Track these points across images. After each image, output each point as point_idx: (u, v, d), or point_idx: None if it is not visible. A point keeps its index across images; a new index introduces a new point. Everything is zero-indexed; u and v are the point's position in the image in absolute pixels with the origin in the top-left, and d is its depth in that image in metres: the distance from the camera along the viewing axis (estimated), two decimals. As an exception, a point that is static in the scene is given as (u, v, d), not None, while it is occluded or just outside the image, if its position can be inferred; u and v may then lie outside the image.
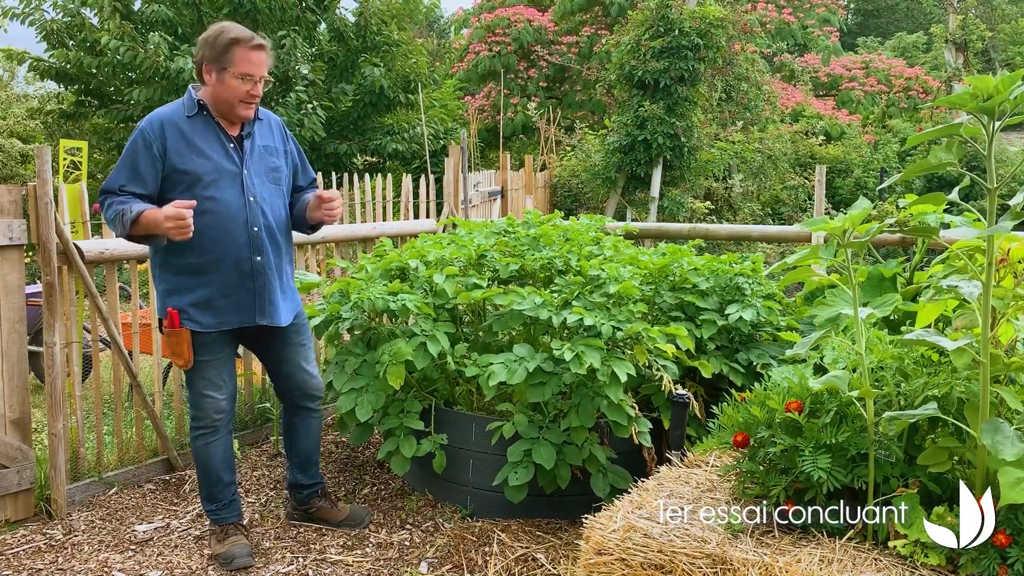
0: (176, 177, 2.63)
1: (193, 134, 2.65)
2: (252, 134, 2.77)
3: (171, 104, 2.73)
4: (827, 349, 2.18)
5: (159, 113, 2.67)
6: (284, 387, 3.00)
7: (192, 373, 2.76)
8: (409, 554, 2.90)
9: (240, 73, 2.62)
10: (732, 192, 9.69)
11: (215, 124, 2.70)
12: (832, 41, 15.36)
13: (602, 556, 1.95)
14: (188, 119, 2.66)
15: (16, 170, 10.70)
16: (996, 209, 1.76)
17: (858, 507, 1.95)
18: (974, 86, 1.64)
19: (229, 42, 2.61)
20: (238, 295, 2.71)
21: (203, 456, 2.82)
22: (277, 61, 8.97)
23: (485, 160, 12.10)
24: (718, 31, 8.54)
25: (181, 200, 2.53)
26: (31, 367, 4.05)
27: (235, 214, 2.67)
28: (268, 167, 2.79)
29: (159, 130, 2.61)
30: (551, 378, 2.88)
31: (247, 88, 2.64)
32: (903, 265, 3.44)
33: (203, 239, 2.62)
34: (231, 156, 2.70)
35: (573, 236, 3.74)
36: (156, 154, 2.60)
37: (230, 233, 2.66)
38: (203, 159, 2.65)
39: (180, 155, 2.62)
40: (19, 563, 2.79)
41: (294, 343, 2.93)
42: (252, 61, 2.64)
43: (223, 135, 2.71)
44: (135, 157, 2.60)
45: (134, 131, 2.65)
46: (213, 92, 2.67)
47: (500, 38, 12.98)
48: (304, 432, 3.04)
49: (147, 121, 2.64)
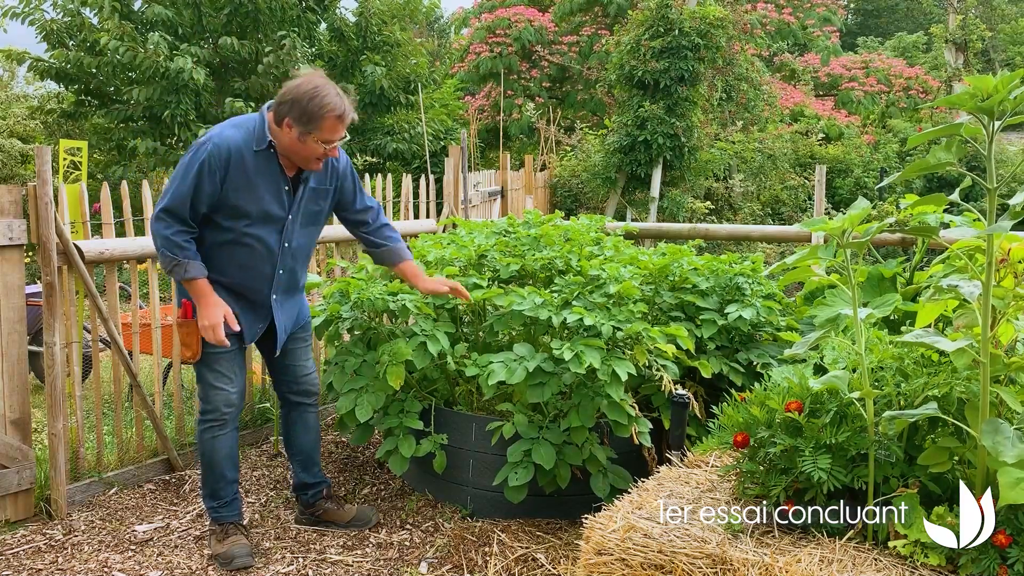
0: (225, 207, 2.64)
1: (256, 172, 2.64)
2: (308, 178, 2.77)
3: (240, 128, 2.64)
4: (827, 349, 2.18)
5: (227, 139, 2.59)
6: (282, 380, 3.02)
7: (203, 365, 2.78)
8: (409, 554, 2.90)
9: (324, 140, 2.62)
10: (732, 192, 9.68)
11: (278, 165, 2.69)
12: (832, 42, 15.36)
13: (602, 556, 1.95)
14: (255, 153, 2.64)
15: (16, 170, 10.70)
16: (996, 209, 1.76)
17: (858, 507, 1.95)
18: (974, 86, 1.64)
19: (324, 113, 2.57)
20: (251, 316, 2.81)
21: (209, 450, 2.82)
22: (277, 61, 8.97)
23: (485, 160, 12.10)
24: (718, 31, 8.54)
25: (231, 319, 2.65)
26: (31, 367, 4.05)
27: (268, 256, 2.73)
28: (312, 211, 2.83)
29: (225, 160, 2.58)
30: (551, 378, 2.88)
31: (326, 150, 2.65)
32: (903, 265, 3.44)
33: (231, 266, 2.70)
34: (282, 201, 2.72)
35: (574, 236, 3.74)
36: (217, 183, 2.59)
37: (257, 269, 2.74)
38: (256, 199, 2.66)
39: (236, 191, 2.62)
40: (19, 563, 2.79)
41: (296, 338, 2.98)
42: (338, 130, 2.64)
43: (282, 178, 2.70)
44: (200, 180, 2.57)
45: (199, 149, 2.58)
46: (289, 144, 2.63)
47: (501, 38, 12.97)
48: (302, 428, 3.06)
49: (215, 146, 2.57)
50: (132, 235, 3.57)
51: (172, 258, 2.58)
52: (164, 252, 2.59)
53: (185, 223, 2.59)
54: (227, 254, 2.68)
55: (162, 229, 2.58)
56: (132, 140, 9.06)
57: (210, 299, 2.64)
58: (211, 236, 2.67)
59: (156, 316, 3.66)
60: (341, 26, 9.75)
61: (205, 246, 2.68)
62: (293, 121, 2.59)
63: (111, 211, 3.44)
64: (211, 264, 2.68)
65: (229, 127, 2.65)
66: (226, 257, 2.69)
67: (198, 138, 2.66)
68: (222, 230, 2.66)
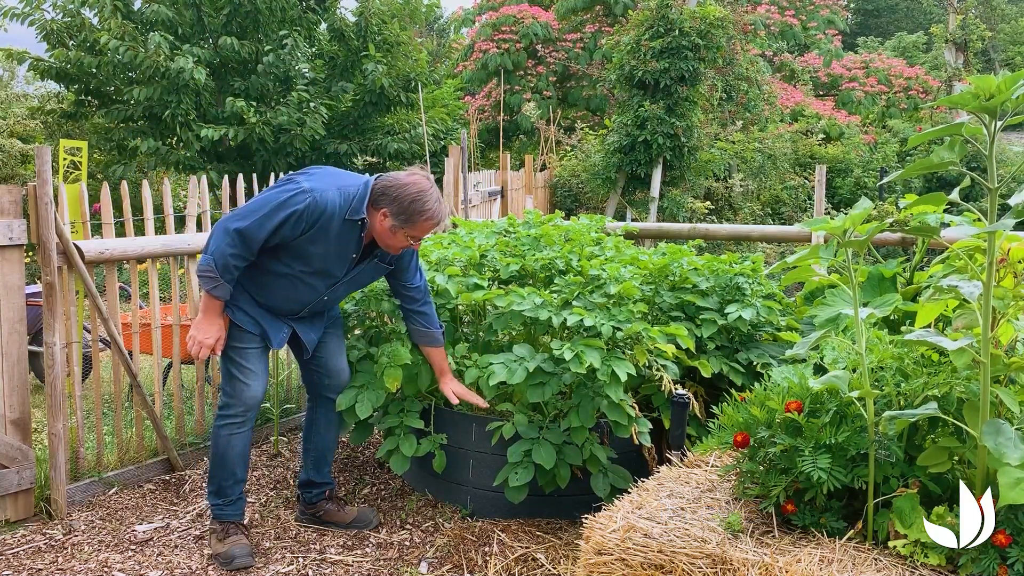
0: (293, 249, 2.68)
1: (337, 236, 2.68)
2: (377, 254, 2.84)
3: (342, 194, 2.65)
4: (827, 349, 2.18)
5: (327, 201, 2.61)
6: (315, 374, 3.05)
7: (228, 361, 2.82)
8: (409, 554, 2.90)
9: (414, 236, 2.72)
10: (732, 192, 9.68)
11: (359, 239, 2.74)
12: (835, 44, 15.36)
13: (602, 556, 1.95)
14: (344, 220, 2.67)
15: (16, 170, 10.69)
16: (997, 209, 1.76)
17: (858, 507, 1.95)
18: (977, 85, 1.64)
19: (423, 219, 2.67)
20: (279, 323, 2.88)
21: (223, 446, 2.83)
22: (278, 61, 8.97)
23: (485, 160, 12.10)
24: (718, 31, 8.53)
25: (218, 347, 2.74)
26: (31, 367, 4.05)
27: (310, 296, 2.82)
28: (368, 276, 2.93)
29: (316, 218, 2.61)
30: (551, 378, 2.88)
31: (411, 244, 2.76)
32: (903, 265, 3.43)
33: (276, 293, 2.80)
34: (347, 265, 2.79)
35: (574, 236, 3.74)
36: (298, 232, 2.63)
37: (293, 303, 2.84)
38: (324, 256, 2.71)
39: (312, 242, 2.67)
40: (19, 563, 2.79)
41: (330, 332, 3.02)
42: (428, 231, 2.74)
43: (355, 246, 2.76)
44: (284, 223, 2.59)
45: (297, 195, 2.58)
46: (379, 228, 2.70)
47: (508, 35, 12.98)
48: (325, 425, 3.09)
49: (314, 202, 2.59)
50: (132, 235, 3.57)
51: (215, 274, 2.62)
52: (212, 264, 2.61)
53: (250, 251, 2.63)
54: (275, 283, 2.77)
55: (227, 247, 2.60)
56: (132, 140, 9.06)
57: (216, 319, 2.72)
58: (267, 264, 2.73)
59: (156, 316, 3.66)
60: (341, 26, 9.74)
61: (257, 268, 2.73)
62: (391, 214, 2.66)
63: (111, 211, 3.44)
64: (256, 284, 2.77)
65: (334, 190, 2.65)
66: (273, 285, 2.77)
67: (296, 179, 2.66)
68: (279, 263, 2.73)
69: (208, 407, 3.92)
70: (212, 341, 2.71)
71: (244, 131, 8.80)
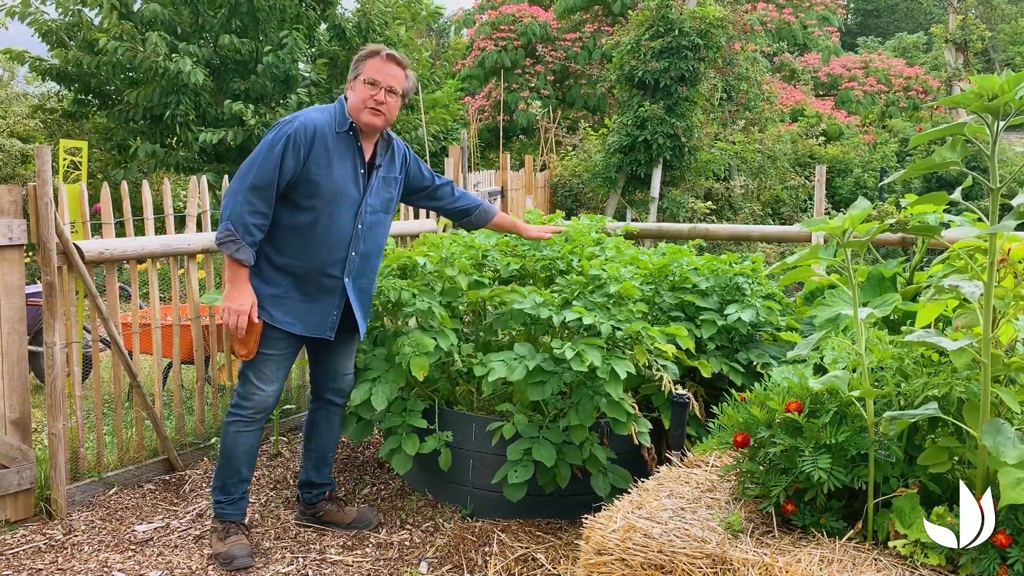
0: (304, 184, 2.70)
1: (335, 151, 2.74)
2: (381, 165, 2.87)
3: (322, 111, 2.78)
4: (827, 349, 2.18)
5: (312, 119, 2.71)
6: (321, 376, 3.05)
7: (249, 365, 2.80)
8: (409, 554, 2.90)
9: (368, 78, 2.74)
10: (732, 192, 9.68)
11: (356, 147, 2.79)
12: (832, 41, 15.35)
13: (602, 556, 1.95)
14: (336, 134, 2.74)
15: (16, 170, 10.70)
16: (998, 209, 1.76)
17: (858, 507, 1.95)
18: (980, 85, 1.64)
19: (367, 53, 2.78)
20: (313, 306, 2.81)
21: (231, 444, 2.83)
22: (277, 61, 8.94)
23: (485, 160, 12.10)
24: (718, 31, 8.53)
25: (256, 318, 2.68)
26: (31, 367, 4.05)
27: (343, 236, 2.79)
28: (384, 198, 2.92)
29: (311, 138, 2.68)
30: (551, 377, 2.88)
31: (372, 93, 2.73)
32: (903, 265, 3.44)
33: (307, 247, 2.75)
34: (358, 182, 2.80)
35: (575, 236, 3.74)
36: (301, 158, 2.67)
37: (331, 250, 2.78)
38: (334, 176, 2.73)
39: (319, 166, 2.70)
40: (19, 563, 2.79)
41: (343, 338, 3.00)
42: (381, 69, 2.76)
43: (359, 159, 2.80)
44: (285, 154, 2.64)
45: (283, 126, 2.68)
46: (350, 103, 2.77)
47: (506, 33, 12.99)
48: (327, 426, 3.09)
49: (301, 124, 2.68)
50: (132, 235, 3.57)
51: (233, 233, 2.61)
52: (231, 227, 2.61)
53: (267, 202, 2.65)
54: (303, 235, 2.73)
55: (242, 206, 2.61)
56: (132, 141, 9.05)
57: (244, 285, 2.68)
58: (288, 218, 2.72)
59: (156, 316, 3.66)
60: (342, 23, 9.71)
61: (281, 228, 2.72)
62: (349, 76, 2.79)
63: (111, 211, 3.44)
64: (286, 248, 2.73)
65: (315, 110, 2.78)
66: (303, 238, 2.73)
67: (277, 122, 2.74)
68: (300, 210, 2.72)
69: (208, 407, 3.92)
70: (247, 307, 2.66)
71: (244, 132, 8.79)
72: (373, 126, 2.78)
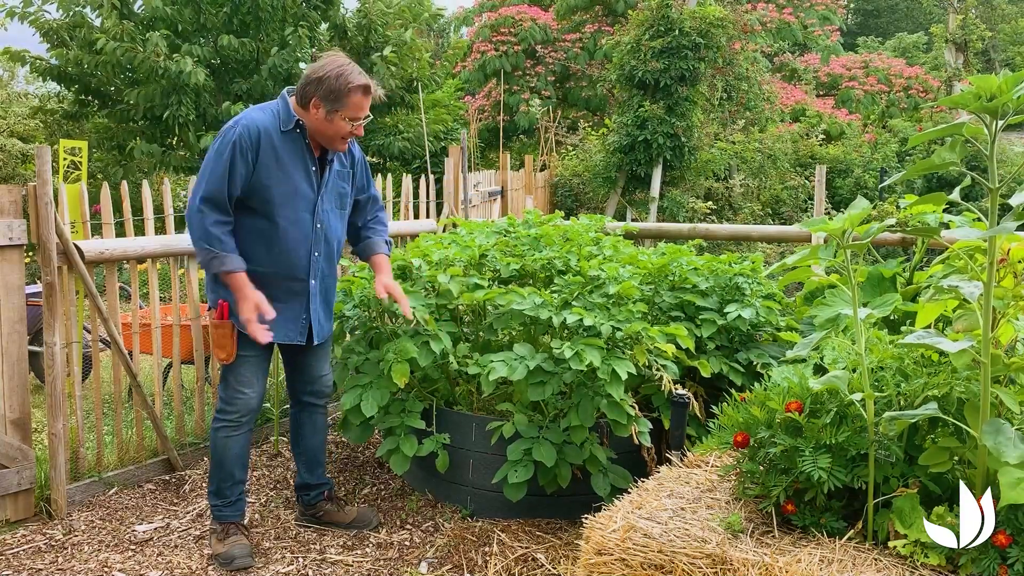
0: (256, 189, 2.66)
1: (283, 151, 2.68)
2: (332, 160, 2.82)
3: (265, 111, 2.71)
4: (827, 349, 2.18)
5: (255, 120, 2.65)
6: (297, 379, 3.03)
7: (228, 368, 2.79)
8: (409, 554, 2.90)
9: (351, 116, 2.67)
10: (732, 192, 9.68)
11: (304, 145, 2.74)
12: (832, 40, 15.35)
13: (602, 556, 1.95)
14: (282, 134, 2.69)
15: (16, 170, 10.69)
16: (997, 209, 1.76)
17: (858, 507, 1.95)
18: (978, 86, 1.64)
19: (349, 88, 2.63)
20: (284, 312, 2.78)
21: (221, 449, 2.83)
22: (281, 61, 8.91)
23: (485, 160, 12.09)
24: (718, 31, 8.53)
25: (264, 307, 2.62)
26: (31, 367, 4.05)
27: (302, 237, 2.76)
28: (338, 192, 2.87)
29: (256, 140, 2.63)
30: (551, 377, 2.88)
31: (351, 128, 2.70)
32: (903, 265, 3.44)
33: (269, 253, 2.72)
34: (311, 180, 2.76)
35: (573, 236, 3.74)
36: (250, 163, 2.63)
37: (293, 252, 2.75)
38: (286, 178, 2.69)
39: (268, 169, 2.66)
40: (19, 563, 2.79)
41: (322, 343, 2.98)
42: (363, 106, 2.69)
43: (309, 157, 2.75)
44: (233, 161, 2.60)
45: (227, 133, 2.63)
46: (315, 124, 2.69)
47: (506, 36, 12.97)
48: (311, 428, 3.07)
49: (244, 128, 2.62)
50: (132, 235, 3.57)
51: (210, 251, 2.59)
52: (202, 245, 2.60)
53: (224, 211, 2.61)
54: (263, 240, 2.70)
55: (203, 221, 2.58)
56: (132, 141, 9.04)
57: (247, 292, 2.64)
58: (247, 223, 2.70)
59: (156, 316, 3.66)
60: (344, 22, 9.69)
61: (241, 234, 2.69)
62: (320, 100, 2.64)
63: (111, 211, 3.44)
64: (248, 253, 2.69)
65: (255, 111, 2.71)
66: (263, 244, 2.71)
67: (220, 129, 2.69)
68: (256, 215, 2.69)
69: (208, 407, 3.92)
70: (254, 313, 2.62)
71: None
72: (341, 151, 2.78)
